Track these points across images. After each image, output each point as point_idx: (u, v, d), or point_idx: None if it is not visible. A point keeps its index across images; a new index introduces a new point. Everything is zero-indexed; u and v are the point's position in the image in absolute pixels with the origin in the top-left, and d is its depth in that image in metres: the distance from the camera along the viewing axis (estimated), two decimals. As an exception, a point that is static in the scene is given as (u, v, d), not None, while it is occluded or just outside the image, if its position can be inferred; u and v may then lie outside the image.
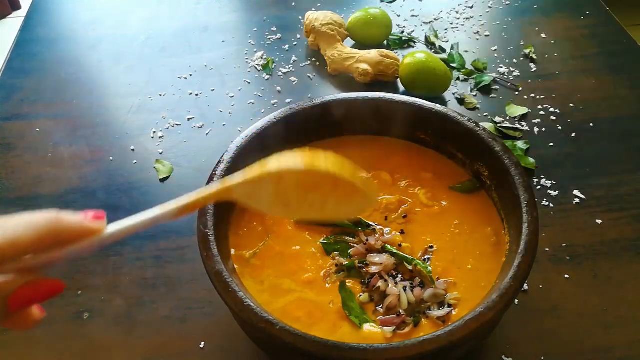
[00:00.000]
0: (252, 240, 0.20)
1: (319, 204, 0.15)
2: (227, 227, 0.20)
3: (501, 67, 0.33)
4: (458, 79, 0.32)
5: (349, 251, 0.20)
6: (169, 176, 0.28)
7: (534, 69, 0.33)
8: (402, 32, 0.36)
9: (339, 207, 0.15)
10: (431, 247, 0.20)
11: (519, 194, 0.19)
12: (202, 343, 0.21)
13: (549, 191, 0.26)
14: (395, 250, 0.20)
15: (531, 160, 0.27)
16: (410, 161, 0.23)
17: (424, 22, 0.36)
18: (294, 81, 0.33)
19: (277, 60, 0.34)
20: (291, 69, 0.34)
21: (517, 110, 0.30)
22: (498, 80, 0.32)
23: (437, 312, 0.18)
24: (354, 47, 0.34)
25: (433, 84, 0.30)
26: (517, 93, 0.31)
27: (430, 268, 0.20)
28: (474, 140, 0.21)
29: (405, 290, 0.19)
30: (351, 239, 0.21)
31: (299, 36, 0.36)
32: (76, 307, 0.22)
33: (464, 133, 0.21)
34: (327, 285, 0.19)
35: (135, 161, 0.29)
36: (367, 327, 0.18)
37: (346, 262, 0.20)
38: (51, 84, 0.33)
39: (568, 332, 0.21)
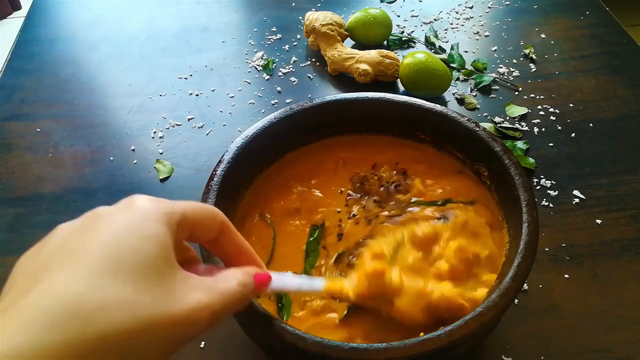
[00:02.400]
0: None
1: None
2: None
3: (501, 67, 0.33)
4: (458, 79, 0.32)
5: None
6: (170, 176, 0.28)
7: (533, 69, 0.33)
8: (402, 32, 0.36)
9: None
10: None
11: (518, 194, 0.19)
12: (202, 343, 0.21)
13: (548, 191, 0.26)
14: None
15: (531, 160, 0.27)
16: (410, 160, 0.23)
17: (423, 23, 0.36)
18: (294, 81, 0.33)
19: (277, 60, 0.34)
20: (291, 69, 0.34)
21: (517, 111, 0.30)
22: (498, 80, 0.32)
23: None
24: (354, 47, 0.34)
25: (433, 84, 0.30)
26: (516, 93, 0.31)
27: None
28: (473, 140, 0.21)
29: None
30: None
31: (299, 36, 0.36)
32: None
33: (464, 133, 0.21)
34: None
35: (135, 161, 0.29)
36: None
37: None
38: (51, 84, 0.33)
39: (568, 332, 0.21)
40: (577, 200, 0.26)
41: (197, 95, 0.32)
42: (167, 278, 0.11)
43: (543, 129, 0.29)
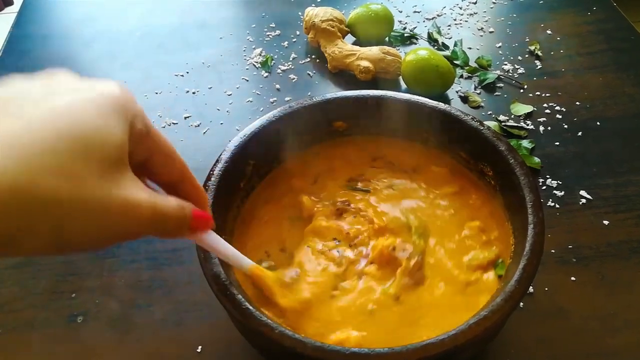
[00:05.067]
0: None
1: None
2: (225, 230, 0.20)
3: (506, 64, 0.32)
4: (461, 76, 0.32)
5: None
6: (166, 176, 0.27)
7: (539, 66, 0.32)
8: (404, 28, 0.35)
9: None
10: None
11: (524, 195, 0.18)
12: (199, 347, 0.21)
13: (554, 191, 0.25)
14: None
15: (536, 159, 0.27)
16: (411, 160, 0.23)
17: (426, 18, 0.36)
18: (294, 79, 0.32)
19: (276, 57, 0.33)
20: (290, 66, 0.33)
21: (522, 109, 0.29)
22: (502, 77, 0.31)
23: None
24: (354, 43, 0.33)
25: (436, 81, 0.30)
26: (522, 91, 0.31)
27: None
28: (477, 140, 0.21)
29: None
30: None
31: (298, 32, 0.35)
32: (70, 310, 0.22)
33: (468, 132, 0.21)
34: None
35: (131, 160, 0.28)
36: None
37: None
38: (45, 81, 0.33)
39: (574, 336, 0.20)
40: (583, 200, 0.25)
41: (194, 93, 0.32)
42: (114, 170, 0.10)
43: (549, 128, 0.29)
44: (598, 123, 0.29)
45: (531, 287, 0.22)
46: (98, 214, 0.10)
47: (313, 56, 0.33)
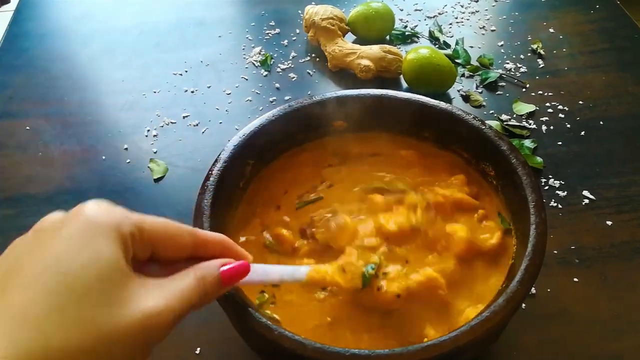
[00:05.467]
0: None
1: None
2: (224, 231, 0.20)
3: (508, 63, 0.32)
4: (463, 75, 0.31)
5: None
6: (164, 176, 0.27)
7: (541, 65, 0.32)
8: (405, 26, 0.35)
9: None
10: None
11: (526, 195, 0.18)
12: (198, 349, 0.20)
13: (557, 192, 0.25)
14: None
15: (539, 159, 0.26)
16: (413, 160, 0.22)
17: (427, 17, 0.35)
18: (293, 77, 0.32)
19: (275, 56, 0.33)
20: (290, 65, 0.33)
21: (525, 108, 0.29)
22: (505, 76, 0.31)
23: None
24: (355, 42, 0.33)
25: (437, 80, 0.29)
26: (524, 90, 0.30)
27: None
28: (479, 139, 0.21)
29: None
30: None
31: (298, 31, 0.35)
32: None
33: (469, 131, 0.21)
34: None
35: (128, 160, 0.28)
36: None
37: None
38: (41, 80, 0.32)
39: (577, 338, 0.20)
40: (586, 200, 0.25)
41: (192, 92, 0.31)
42: (118, 291, 0.11)
43: (551, 127, 0.28)
44: (601, 122, 0.29)
45: (533, 288, 0.21)
46: (122, 342, 0.10)
47: (313, 55, 0.33)
